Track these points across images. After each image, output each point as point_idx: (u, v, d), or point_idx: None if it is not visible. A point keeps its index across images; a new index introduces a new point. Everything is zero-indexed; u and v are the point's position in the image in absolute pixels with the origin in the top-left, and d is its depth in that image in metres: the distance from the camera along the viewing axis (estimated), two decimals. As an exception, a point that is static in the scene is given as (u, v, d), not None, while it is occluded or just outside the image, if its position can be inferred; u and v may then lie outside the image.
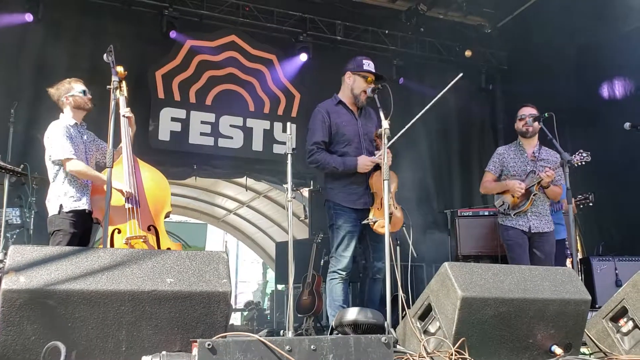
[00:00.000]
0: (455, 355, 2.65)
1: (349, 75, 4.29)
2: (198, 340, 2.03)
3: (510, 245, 4.75)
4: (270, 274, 17.61)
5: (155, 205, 4.12)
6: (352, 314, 3.06)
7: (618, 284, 5.87)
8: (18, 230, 5.73)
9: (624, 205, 7.00)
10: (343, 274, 4.10)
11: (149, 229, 4.00)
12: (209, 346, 2.02)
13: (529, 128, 4.80)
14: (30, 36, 7.06)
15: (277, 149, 8.15)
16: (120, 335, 2.26)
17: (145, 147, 7.11)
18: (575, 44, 7.60)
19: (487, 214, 6.51)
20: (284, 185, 3.69)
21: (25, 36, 7.02)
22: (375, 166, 4.11)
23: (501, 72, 9.55)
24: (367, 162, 4.09)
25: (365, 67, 4.24)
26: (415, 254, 5.38)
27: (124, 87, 4.10)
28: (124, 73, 4.02)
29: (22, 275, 2.20)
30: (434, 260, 7.50)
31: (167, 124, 7.74)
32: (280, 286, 9.96)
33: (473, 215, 6.71)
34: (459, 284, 2.75)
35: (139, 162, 4.19)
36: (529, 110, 4.86)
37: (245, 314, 12.65)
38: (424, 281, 7.32)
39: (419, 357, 2.69)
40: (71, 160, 3.96)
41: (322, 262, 7.34)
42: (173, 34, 7.66)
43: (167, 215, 4.22)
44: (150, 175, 4.21)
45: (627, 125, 5.07)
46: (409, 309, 3.14)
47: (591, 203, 5.42)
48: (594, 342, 3.27)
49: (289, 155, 3.67)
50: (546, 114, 4.72)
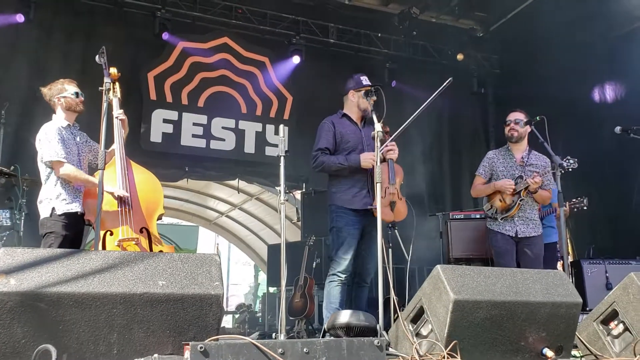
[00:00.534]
0: (448, 358, 2.65)
1: (352, 93, 4.45)
2: (190, 343, 2.02)
3: (497, 253, 4.79)
4: (262, 277, 17.58)
5: (148, 208, 4.10)
6: (345, 316, 3.06)
7: (608, 287, 5.90)
8: (8, 232, 5.69)
9: (615, 209, 7.05)
10: (342, 276, 4.16)
11: (141, 232, 3.99)
12: (201, 349, 2.01)
13: (514, 133, 4.85)
14: (22, 37, 7.02)
15: (269, 151, 8.15)
16: (112, 338, 2.25)
17: (137, 149, 7.09)
18: (567, 47, 7.63)
19: (479, 216, 6.53)
20: (277, 187, 3.71)
21: (16, 37, 6.98)
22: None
23: (493, 76, 9.60)
24: (370, 157, 4.15)
25: (364, 83, 4.41)
26: (408, 256, 5.39)
27: (117, 89, 4.09)
28: (116, 74, 4.01)
29: (13, 277, 2.19)
30: (426, 263, 7.52)
31: (159, 125, 7.72)
32: (272, 289, 9.93)
33: (465, 218, 6.74)
34: (451, 287, 2.76)
35: (131, 164, 4.17)
36: (514, 116, 4.90)
37: (236, 316, 12.63)
38: (416, 284, 7.34)
39: (411, 360, 2.70)
40: (62, 164, 3.94)
41: (314, 265, 7.33)
42: (165, 35, 7.64)
43: (160, 217, 4.21)
44: (143, 178, 4.19)
45: (618, 129, 5.12)
46: (401, 312, 3.14)
47: (585, 207, 5.45)
48: (585, 345, 3.28)
49: (282, 158, 3.68)
50: (537, 118, 4.74)
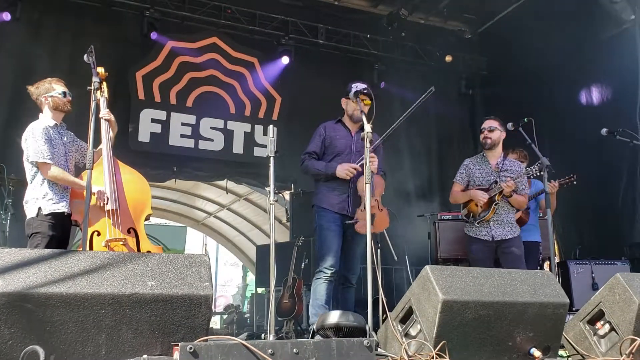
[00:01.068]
0: (436, 358, 2.66)
1: (344, 101, 4.63)
2: (180, 343, 2.02)
3: (473, 261, 4.90)
4: (251, 277, 17.55)
5: (136, 208, 4.09)
6: (334, 317, 3.06)
7: (595, 287, 5.95)
8: (-6, 233, 5.64)
9: (601, 210, 7.11)
10: (328, 272, 4.22)
11: (128, 232, 3.97)
12: (191, 350, 2.01)
13: (488, 140, 4.97)
14: (8, 36, 6.94)
15: (258, 152, 8.14)
16: (100, 339, 2.23)
17: (125, 149, 7.04)
18: (554, 50, 7.70)
19: (467, 218, 6.55)
20: (266, 188, 3.71)
21: (2, 36, 6.90)
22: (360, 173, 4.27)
23: (481, 77, 9.63)
24: (345, 168, 4.34)
25: (353, 89, 4.49)
26: (396, 257, 5.41)
27: (104, 89, 4.06)
28: (104, 74, 3.98)
29: (0, 278, 2.16)
30: (414, 264, 7.55)
31: (147, 125, 7.68)
32: (260, 289, 9.93)
33: (453, 219, 6.77)
34: (440, 287, 2.77)
35: (119, 164, 4.15)
36: (489, 123, 5.01)
37: (224, 317, 12.61)
38: (404, 284, 7.36)
39: (400, 360, 2.71)
40: (48, 165, 3.91)
41: (303, 266, 7.33)
42: (154, 35, 7.60)
43: (148, 217, 4.19)
44: (131, 178, 4.17)
45: (604, 131, 5.18)
46: (390, 312, 3.15)
47: (574, 182, 5.46)
48: (572, 345, 3.31)
49: (271, 158, 3.68)
50: (525, 119, 4.80)
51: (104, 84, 4.04)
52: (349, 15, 8.80)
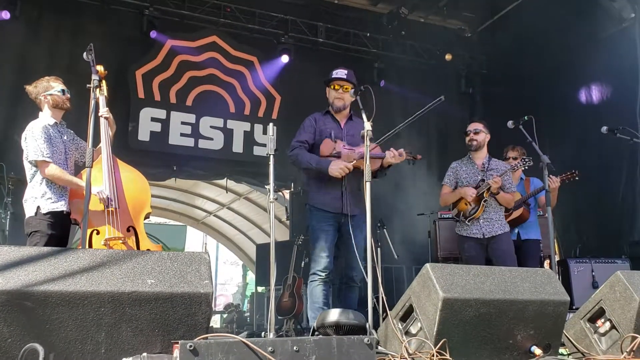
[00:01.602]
0: (437, 356, 2.66)
1: (326, 88, 4.51)
2: (180, 341, 2.01)
3: (467, 259, 4.95)
4: (251, 276, 17.54)
5: (135, 206, 4.07)
6: (334, 315, 3.05)
7: (595, 285, 5.94)
8: (-7, 232, 5.63)
9: (601, 208, 7.11)
10: (322, 274, 4.13)
11: (128, 230, 3.96)
12: (191, 347, 2.00)
13: (474, 142, 5.10)
14: (7, 34, 6.94)
15: (258, 151, 8.14)
16: (100, 337, 2.22)
17: (125, 147, 7.04)
18: (554, 48, 7.70)
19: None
20: (266, 186, 3.69)
21: (2, 34, 6.90)
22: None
23: (481, 76, 9.63)
24: (340, 166, 4.13)
25: (332, 76, 4.43)
26: (396, 255, 5.41)
27: (103, 87, 4.05)
28: (104, 72, 3.97)
29: (-1, 276, 2.16)
30: (414, 262, 7.55)
31: (147, 124, 7.68)
32: (260, 288, 9.93)
33: (453, 218, 6.74)
34: (441, 285, 2.76)
35: (118, 163, 4.14)
36: (474, 126, 5.15)
37: (224, 316, 12.61)
38: (404, 283, 7.36)
39: (401, 358, 2.70)
40: (47, 164, 3.90)
41: (303, 264, 7.33)
42: (153, 33, 7.60)
43: (147, 216, 4.18)
44: (130, 176, 4.16)
45: (604, 129, 5.17)
46: (390, 311, 3.14)
47: (577, 177, 5.47)
48: (572, 343, 3.31)
49: (271, 157, 3.67)
50: (526, 117, 4.80)
51: (103, 82, 4.03)
52: (348, 13, 8.80)
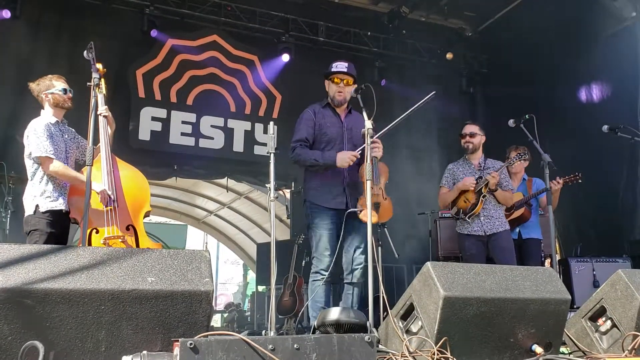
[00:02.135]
0: (438, 354, 2.65)
1: (326, 82, 4.40)
2: (180, 339, 2.00)
3: (468, 257, 4.96)
4: (251, 276, 17.54)
5: (134, 205, 4.06)
6: (335, 313, 3.04)
7: (596, 284, 5.93)
8: (-6, 230, 5.63)
9: (602, 207, 7.10)
10: (325, 274, 4.10)
11: (127, 229, 3.95)
12: (191, 345, 1.99)
13: (469, 145, 5.13)
14: (8, 33, 6.94)
15: (258, 150, 8.13)
16: (100, 335, 2.22)
17: (125, 147, 7.04)
18: (555, 47, 7.69)
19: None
20: (266, 185, 3.67)
21: (2, 33, 6.90)
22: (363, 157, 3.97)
23: (482, 75, 9.63)
24: (347, 156, 4.09)
25: (332, 70, 4.36)
26: (397, 254, 5.41)
27: (102, 85, 4.05)
28: (103, 70, 3.96)
29: (-1, 274, 2.16)
30: (414, 261, 7.54)
31: (148, 123, 7.68)
32: (260, 287, 9.92)
33: (453, 217, 6.73)
34: (441, 284, 2.75)
35: (117, 161, 4.13)
36: (469, 129, 5.16)
37: (225, 315, 12.60)
38: (405, 282, 7.35)
39: (402, 357, 2.69)
40: (50, 160, 3.90)
41: (304, 264, 7.33)
42: (154, 32, 7.60)
43: (147, 215, 4.17)
44: (129, 175, 4.15)
45: (605, 128, 5.18)
46: (390, 309, 3.14)
47: (580, 180, 5.47)
48: (573, 342, 3.30)
49: (272, 155, 3.65)
50: (527, 116, 4.80)
51: (102, 80, 4.02)
52: (349, 12, 8.79)
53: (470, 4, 8.91)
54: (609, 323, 3.21)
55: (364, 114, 3.77)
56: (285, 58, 8.31)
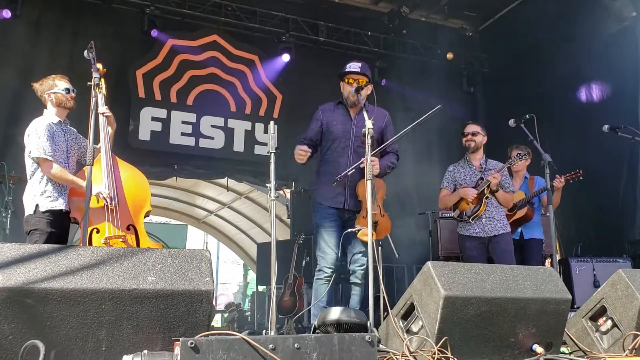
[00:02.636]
0: (438, 354, 2.65)
1: (341, 83, 4.43)
2: (181, 339, 2.00)
3: (469, 259, 4.95)
4: (251, 276, 17.53)
5: (135, 205, 4.06)
6: (335, 313, 3.04)
7: (596, 284, 5.93)
8: (-6, 230, 5.63)
9: (602, 207, 7.10)
10: (328, 271, 4.14)
11: (128, 229, 3.95)
12: (192, 345, 1.99)
13: (471, 143, 5.11)
14: (9, 33, 6.94)
15: (259, 150, 8.13)
16: (100, 334, 2.22)
17: (125, 147, 7.04)
18: (555, 47, 7.69)
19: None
20: (267, 185, 3.67)
21: (3, 33, 6.90)
22: (361, 174, 4.01)
23: (482, 75, 9.62)
24: (297, 150, 4.20)
25: (345, 70, 4.38)
26: (397, 255, 5.40)
27: (102, 85, 4.04)
28: (103, 70, 3.96)
29: (0, 273, 2.15)
30: (415, 262, 7.54)
31: (148, 123, 7.68)
32: (261, 287, 9.92)
33: (455, 219, 6.73)
34: (442, 283, 2.75)
35: (118, 161, 4.13)
36: (471, 128, 5.15)
37: (225, 315, 12.58)
38: (405, 282, 7.35)
39: (402, 356, 2.69)
40: (49, 162, 3.89)
41: (304, 263, 7.33)
42: (154, 32, 7.60)
43: (147, 214, 4.17)
44: (130, 174, 4.15)
45: (606, 127, 5.18)
46: (391, 309, 3.14)
47: (581, 177, 5.47)
48: (574, 341, 3.30)
49: (272, 155, 3.65)
50: (527, 116, 4.81)
51: (103, 80, 4.02)
52: (349, 12, 8.79)
53: (470, 4, 8.92)
54: (609, 323, 3.21)
55: (365, 115, 3.78)
56: (286, 58, 8.31)
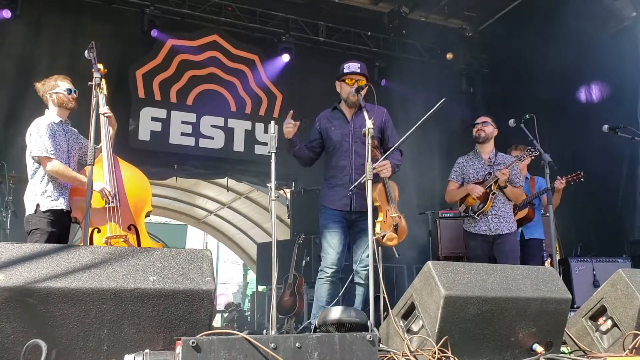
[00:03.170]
0: (438, 353, 2.65)
1: (337, 84, 4.41)
2: (182, 338, 2.00)
3: (473, 257, 4.95)
4: (251, 276, 17.53)
5: (136, 205, 4.08)
6: (336, 313, 3.05)
7: (596, 284, 5.94)
8: (-6, 230, 5.64)
9: (602, 207, 7.10)
10: (329, 271, 4.14)
11: (129, 229, 3.96)
12: (193, 344, 2.00)
13: (482, 133, 5.08)
14: (9, 33, 6.95)
15: (259, 150, 8.14)
16: (102, 333, 2.22)
17: (126, 147, 7.04)
18: (555, 47, 7.69)
19: (468, 215, 6.55)
20: (267, 185, 3.68)
21: (3, 33, 6.90)
22: (374, 179, 3.83)
23: (482, 75, 9.63)
24: (285, 125, 4.12)
25: (344, 71, 4.36)
26: (397, 255, 5.39)
27: (103, 85, 4.05)
28: (103, 70, 3.97)
29: (1, 272, 2.15)
30: (415, 262, 7.54)
31: (148, 123, 7.68)
32: (261, 287, 9.91)
33: (454, 217, 6.76)
34: (442, 283, 2.76)
35: (119, 161, 4.14)
36: (482, 119, 5.15)
37: (225, 315, 12.58)
38: (405, 282, 7.35)
39: (403, 356, 2.70)
40: (50, 160, 3.90)
41: (304, 263, 7.32)
42: (154, 32, 7.60)
43: (148, 214, 4.18)
44: (131, 174, 4.16)
45: (606, 127, 5.18)
46: (391, 309, 3.14)
47: (582, 179, 5.48)
48: (574, 341, 3.30)
49: (273, 155, 3.66)
50: (527, 116, 4.81)
51: (103, 80, 4.02)
52: (349, 12, 8.80)
53: (470, 4, 8.91)
54: (609, 322, 3.22)
55: (365, 115, 3.79)
56: (286, 58, 8.32)
